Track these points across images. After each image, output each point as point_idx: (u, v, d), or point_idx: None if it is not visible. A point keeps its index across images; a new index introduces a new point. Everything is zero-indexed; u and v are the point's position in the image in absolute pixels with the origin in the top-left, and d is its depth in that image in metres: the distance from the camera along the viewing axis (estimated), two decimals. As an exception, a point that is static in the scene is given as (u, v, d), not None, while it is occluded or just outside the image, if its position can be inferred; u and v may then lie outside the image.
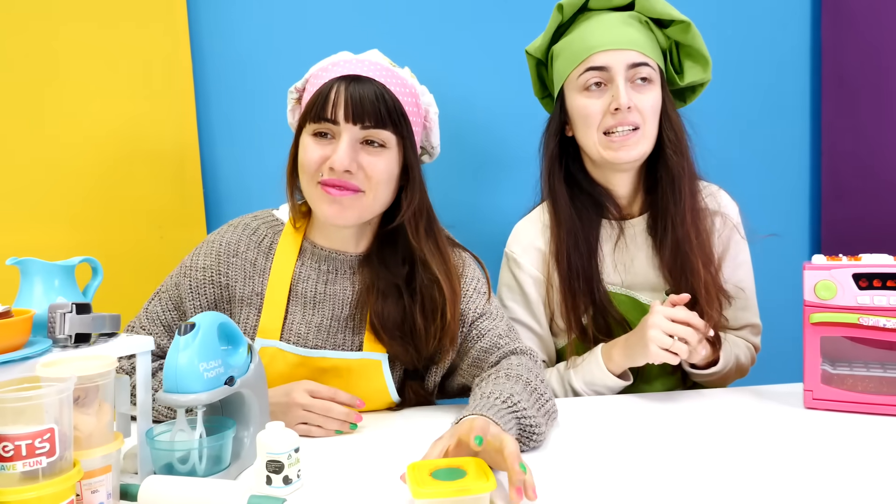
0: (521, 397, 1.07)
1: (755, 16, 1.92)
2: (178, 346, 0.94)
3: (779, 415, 1.20)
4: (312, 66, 1.27)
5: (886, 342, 1.20)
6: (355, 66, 1.19)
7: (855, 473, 0.95)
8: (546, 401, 1.13)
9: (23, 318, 0.87)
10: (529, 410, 1.05)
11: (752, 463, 0.99)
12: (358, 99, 1.15)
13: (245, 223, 1.30)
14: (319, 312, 1.25)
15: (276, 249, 1.27)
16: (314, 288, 1.26)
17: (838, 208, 1.95)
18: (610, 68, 1.31)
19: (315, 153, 1.18)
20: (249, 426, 1.04)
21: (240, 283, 1.25)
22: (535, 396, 1.11)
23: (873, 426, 1.12)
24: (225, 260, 1.26)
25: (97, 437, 0.84)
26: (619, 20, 1.34)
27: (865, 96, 1.85)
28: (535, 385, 1.13)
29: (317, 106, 1.17)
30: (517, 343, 1.26)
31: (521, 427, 1.04)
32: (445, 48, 1.80)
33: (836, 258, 1.20)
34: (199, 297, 1.25)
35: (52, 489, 0.74)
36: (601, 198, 1.40)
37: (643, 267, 1.41)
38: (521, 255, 1.43)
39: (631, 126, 1.32)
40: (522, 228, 1.45)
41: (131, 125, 1.66)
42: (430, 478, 0.85)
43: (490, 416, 0.99)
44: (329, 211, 1.18)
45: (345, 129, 1.16)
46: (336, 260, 1.27)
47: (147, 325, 1.27)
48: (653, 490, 0.92)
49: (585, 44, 1.32)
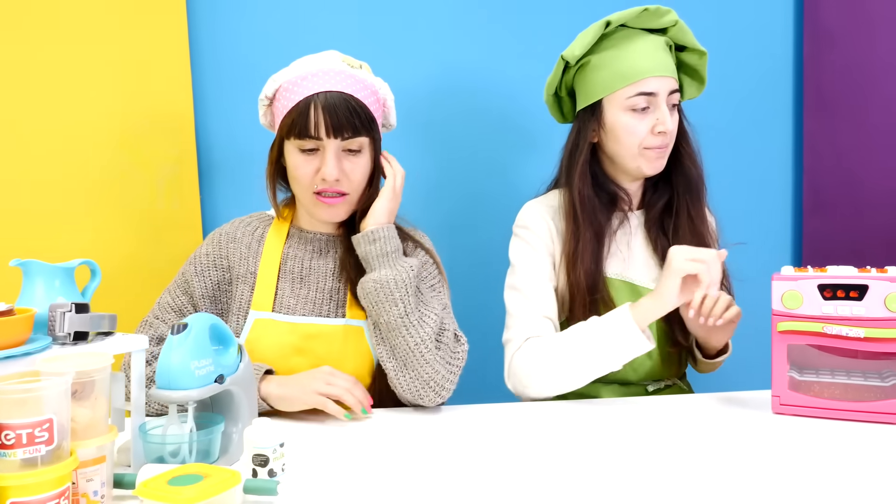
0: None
1: (738, 34, 1.98)
2: (172, 345, 1.00)
3: (747, 420, 1.24)
4: (277, 75, 1.35)
5: (850, 350, 1.26)
6: (324, 80, 1.31)
7: (821, 478, 0.99)
8: (425, 308, 1.32)
9: (25, 317, 0.92)
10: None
11: (720, 467, 1.03)
12: (335, 115, 1.29)
13: (240, 220, 1.49)
14: (307, 285, 1.40)
15: (266, 236, 1.44)
16: (301, 265, 1.42)
17: (818, 222, 2.00)
18: (658, 94, 1.42)
19: (307, 168, 1.33)
20: (238, 422, 1.09)
21: (237, 263, 1.42)
22: (419, 296, 1.34)
23: (838, 432, 1.17)
24: (225, 245, 1.43)
25: (93, 429, 0.89)
26: (657, 46, 1.44)
27: (845, 113, 1.91)
28: (427, 299, 1.34)
29: (298, 125, 1.30)
30: (448, 323, 1.36)
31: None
32: (447, 47, 1.87)
33: (804, 269, 1.26)
34: (205, 278, 1.40)
35: (50, 476, 0.79)
36: (616, 192, 1.52)
37: (641, 255, 1.52)
38: (533, 224, 1.50)
39: (666, 143, 1.45)
40: (534, 207, 1.53)
41: (129, 130, 1.71)
42: (168, 486, 0.83)
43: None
44: (324, 214, 1.37)
45: (328, 144, 1.31)
46: (320, 241, 1.44)
47: (160, 314, 1.39)
48: (620, 496, 0.95)
49: (637, 67, 1.41)
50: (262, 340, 1.35)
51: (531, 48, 1.89)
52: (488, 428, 1.23)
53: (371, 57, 1.53)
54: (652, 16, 1.44)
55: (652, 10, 1.43)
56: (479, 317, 1.78)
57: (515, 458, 1.09)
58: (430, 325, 1.30)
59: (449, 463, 1.07)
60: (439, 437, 1.19)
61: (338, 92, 1.30)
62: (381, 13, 1.85)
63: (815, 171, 2.00)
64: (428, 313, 1.32)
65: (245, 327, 1.37)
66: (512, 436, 1.19)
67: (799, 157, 2.04)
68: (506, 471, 1.03)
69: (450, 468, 1.05)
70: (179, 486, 0.83)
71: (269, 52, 1.79)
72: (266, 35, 1.80)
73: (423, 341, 1.28)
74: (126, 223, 1.72)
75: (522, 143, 1.93)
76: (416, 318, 1.29)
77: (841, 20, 1.90)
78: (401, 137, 1.78)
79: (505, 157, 1.93)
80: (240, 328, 1.37)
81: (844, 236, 1.93)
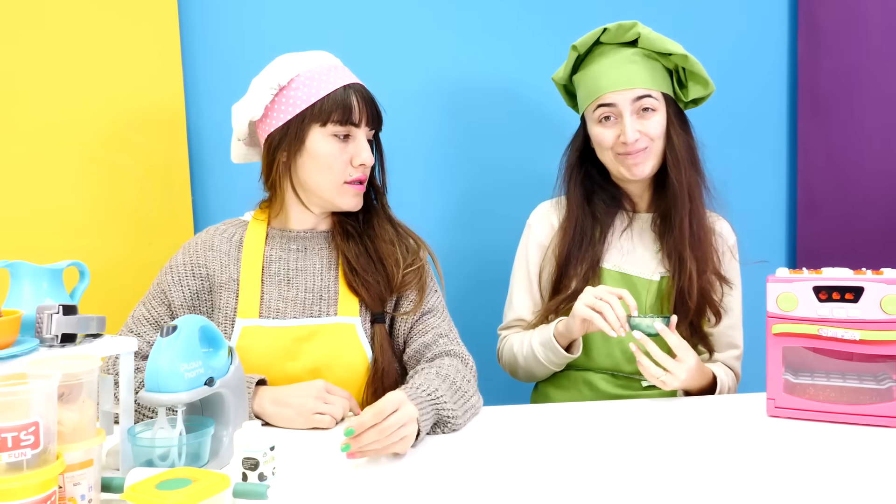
0: (443, 392, 1.22)
1: (733, 36, 1.98)
2: (161, 347, 0.98)
3: (742, 422, 1.23)
4: (286, 62, 1.35)
5: (845, 353, 1.25)
6: (347, 74, 1.38)
7: (816, 481, 0.98)
8: (468, 399, 1.28)
9: (11, 318, 0.91)
10: (449, 403, 1.21)
11: (715, 470, 1.03)
12: (372, 105, 1.37)
13: (215, 227, 1.46)
14: (294, 286, 1.38)
15: (245, 240, 1.41)
16: (287, 266, 1.40)
17: (813, 223, 2.00)
18: (617, 104, 1.49)
19: (343, 156, 1.35)
20: (228, 425, 1.08)
21: (217, 271, 1.38)
22: (458, 394, 1.26)
23: (833, 434, 1.16)
24: (203, 253, 1.40)
25: (80, 432, 0.88)
26: (625, 59, 1.50)
27: (839, 114, 1.91)
28: (459, 384, 1.28)
29: (342, 110, 1.33)
30: (453, 345, 1.39)
31: (438, 415, 1.20)
32: (447, 45, 1.87)
33: (799, 271, 1.25)
34: (183, 288, 1.37)
35: (36, 479, 0.78)
36: (618, 194, 1.61)
37: (641, 254, 1.57)
38: (535, 223, 1.64)
39: (640, 148, 1.50)
40: (543, 205, 1.67)
41: (120, 128, 1.69)
42: (156, 490, 0.82)
43: (416, 405, 1.13)
44: (353, 203, 1.38)
45: (361, 132, 1.36)
46: (306, 238, 1.42)
47: (136, 327, 1.34)
48: (615, 498, 0.95)
49: (597, 84, 1.51)
50: (252, 348, 1.32)
51: (536, 47, 1.90)
52: (483, 431, 1.23)
53: (362, 55, 1.53)
54: (615, 32, 1.50)
55: (612, 29, 1.50)
56: (479, 318, 1.79)
57: (511, 462, 1.08)
58: (474, 396, 1.30)
59: (443, 467, 1.06)
60: (434, 440, 1.18)
61: (363, 86, 1.38)
62: (374, 10, 1.83)
63: (810, 173, 1.99)
64: (470, 396, 1.29)
65: (233, 336, 1.33)
66: (507, 440, 1.18)
67: (793, 159, 2.04)
68: (501, 475, 1.03)
69: (444, 472, 1.04)
70: (168, 490, 0.82)
71: (260, 50, 1.76)
72: (257, 32, 1.79)
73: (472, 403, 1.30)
74: (116, 224, 1.71)
75: (526, 143, 1.93)
76: (466, 407, 1.27)
77: (835, 22, 1.90)
78: (401, 138, 1.76)
79: (507, 157, 1.93)
80: (227, 338, 1.33)
81: (839, 238, 1.93)
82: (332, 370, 1.33)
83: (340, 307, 1.37)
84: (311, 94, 1.33)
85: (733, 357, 1.58)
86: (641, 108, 1.50)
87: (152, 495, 0.80)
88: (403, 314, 1.40)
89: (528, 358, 1.52)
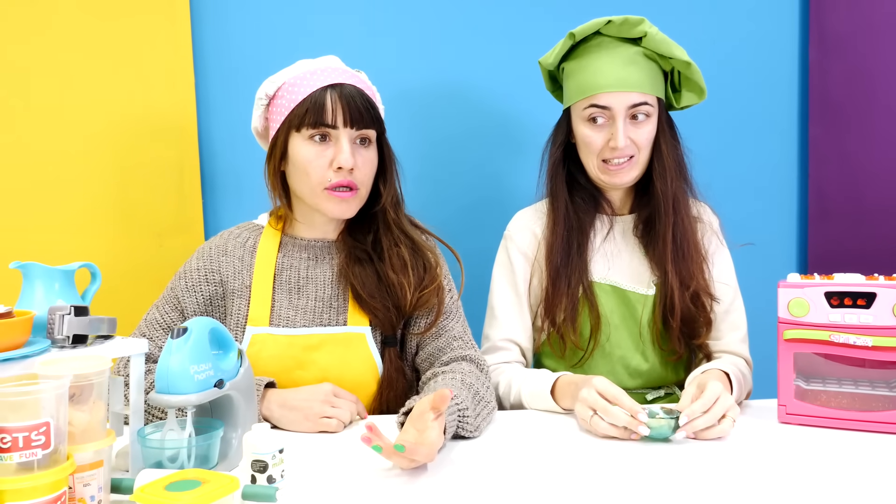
0: (467, 403, 1.20)
1: (744, 40, 1.97)
2: (171, 349, 0.99)
3: (753, 429, 1.23)
4: (279, 73, 1.36)
5: (858, 359, 1.24)
6: (333, 74, 1.33)
7: (827, 488, 0.97)
8: (490, 410, 1.28)
9: (23, 319, 0.91)
10: (471, 415, 1.19)
11: (726, 476, 1.02)
12: (353, 104, 1.30)
13: (229, 231, 1.44)
14: (305, 295, 1.37)
15: (258, 246, 1.40)
16: (298, 275, 1.38)
17: (824, 229, 1.98)
18: (612, 108, 1.41)
19: (320, 160, 1.31)
20: (237, 427, 1.08)
21: (231, 277, 1.37)
22: (482, 405, 1.26)
23: (845, 441, 1.16)
24: (217, 259, 1.38)
25: (90, 433, 0.88)
26: (626, 58, 1.40)
27: (851, 119, 1.90)
28: (482, 394, 1.28)
29: (313, 112, 1.29)
30: (468, 350, 1.37)
31: (459, 424, 1.18)
32: (447, 44, 1.87)
33: (810, 277, 1.24)
34: (196, 293, 1.36)
35: (46, 480, 0.79)
36: (597, 195, 1.53)
37: (628, 260, 1.51)
38: (516, 234, 1.54)
39: (627, 157, 1.43)
40: (522, 214, 1.58)
41: (132, 133, 1.71)
42: (165, 491, 0.82)
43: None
44: (336, 210, 1.33)
45: (342, 133, 1.30)
46: (317, 248, 1.40)
47: (147, 331, 1.34)
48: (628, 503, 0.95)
49: (592, 81, 1.41)
50: (261, 356, 1.31)
51: (528, 52, 1.88)
52: (488, 436, 1.22)
53: (374, 60, 1.53)
54: (620, 27, 1.40)
55: (618, 23, 1.39)
56: (477, 321, 1.79)
57: (517, 468, 1.08)
58: (491, 402, 1.30)
59: (451, 470, 1.06)
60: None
61: (350, 85, 1.32)
62: (384, 19, 1.84)
63: (821, 178, 1.98)
64: (488, 402, 1.29)
65: (243, 344, 1.32)
66: (513, 446, 1.18)
67: (804, 164, 2.03)
68: (507, 480, 1.02)
69: (451, 476, 1.04)
70: (177, 491, 0.82)
71: (272, 56, 1.77)
72: (270, 39, 1.80)
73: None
74: (127, 226, 1.72)
75: (519, 149, 1.92)
76: (483, 415, 1.26)
77: (846, 26, 1.89)
78: (401, 138, 1.76)
79: (501, 163, 1.92)
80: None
81: (851, 243, 1.91)
82: (342, 379, 1.32)
83: (350, 317, 1.35)
84: (291, 101, 1.32)
85: (738, 340, 1.49)
86: (638, 114, 1.42)
87: (162, 497, 0.81)
88: (416, 335, 1.38)
89: (515, 406, 1.42)
